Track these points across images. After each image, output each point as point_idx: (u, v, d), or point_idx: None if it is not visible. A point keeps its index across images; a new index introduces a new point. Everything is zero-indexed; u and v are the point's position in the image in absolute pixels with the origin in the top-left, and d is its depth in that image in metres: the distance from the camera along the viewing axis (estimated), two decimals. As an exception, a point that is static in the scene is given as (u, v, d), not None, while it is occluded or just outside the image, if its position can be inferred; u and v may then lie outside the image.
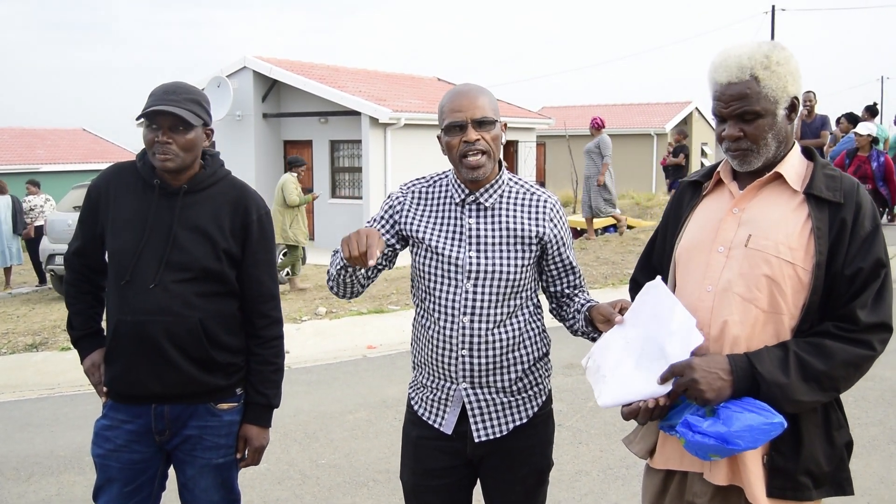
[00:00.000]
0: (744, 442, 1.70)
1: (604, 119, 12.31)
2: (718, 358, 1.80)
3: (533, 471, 2.28)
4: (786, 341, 1.82)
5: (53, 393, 6.23)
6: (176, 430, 2.34)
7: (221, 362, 2.33)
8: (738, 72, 1.82)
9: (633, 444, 2.08)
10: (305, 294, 9.91)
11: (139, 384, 2.29)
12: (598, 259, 11.06)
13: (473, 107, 2.14)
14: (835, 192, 1.85)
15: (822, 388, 1.78)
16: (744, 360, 1.79)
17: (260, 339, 2.41)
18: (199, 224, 2.30)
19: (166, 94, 2.26)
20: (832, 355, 1.78)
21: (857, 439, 1.91)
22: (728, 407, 1.76)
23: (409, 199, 2.31)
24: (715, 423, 1.73)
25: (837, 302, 1.81)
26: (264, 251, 2.40)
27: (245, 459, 2.45)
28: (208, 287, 2.30)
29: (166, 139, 2.24)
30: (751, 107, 1.82)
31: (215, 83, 17.05)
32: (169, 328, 2.25)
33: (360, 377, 6.27)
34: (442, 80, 22.10)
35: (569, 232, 2.31)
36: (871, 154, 9.79)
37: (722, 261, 1.89)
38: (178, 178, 2.33)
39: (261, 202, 2.43)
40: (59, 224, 11.14)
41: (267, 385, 2.42)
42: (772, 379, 1.75)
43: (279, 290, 2.50)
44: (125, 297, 2.27)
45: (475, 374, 2.19)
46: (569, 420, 4.95)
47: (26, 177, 16.74)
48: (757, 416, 1.71)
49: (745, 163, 1.88)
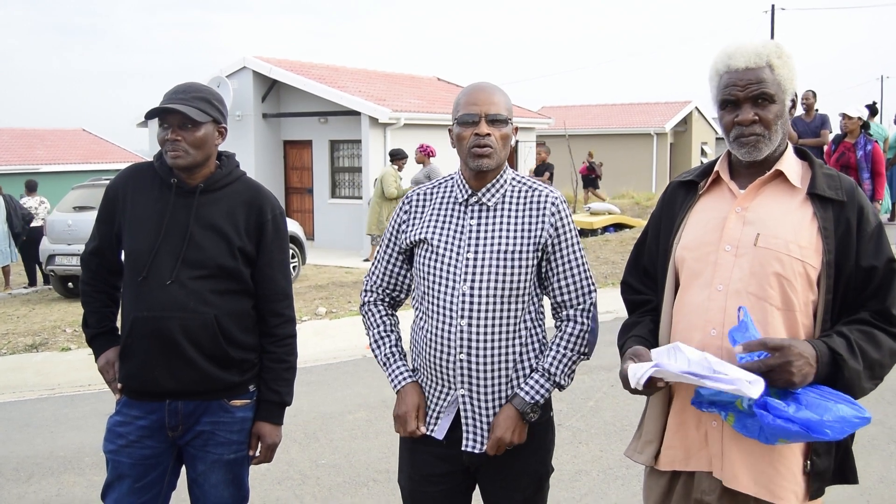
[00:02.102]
0: (832, 432, 1.65)
1: (434, 148, 11.24)
2: (803, 343, 1.75)
3: (532, 479, 2.26)
4: (839, 328, 1.81)
5: (53, 394, 6.23)
6: (189, 425, 2.36)
7: (236, 359, 2.35)
8: (756, 58, 1.87)
9: (637, 454, 2.04)
10: (305, 294, 9.91)
11: (154, 381, 2.31)
12: (597, 259, 11.07)
13: (489, 103, 2.16)
14: (837, 190, 1.87)
15: (873, 376, 1.80)
16: (824, 346, 1.76)
17: (273, 337, 2.44)
18: (215, 222, 2.34)
19: (176, 94, 2.32)
20: (882, 344, 1.80)
21: (857, 439, 1.91)
22: (807, 393, 1.71)
23: (413, 205, 2.32)
24: (800, 409, 1.67)
25: (855, 301, 1.83)
26: (279, 250, 2.44)
27: (258, 456, 2.47)
28: (224, 284, 2.33)
29: (175, 136, 2.28)
30: (767, 89, 1.85)
31: (215, 83, 17.02)
32: (185, 324, 2.28)
33: (359, 377, 6.27)
34: (442, 80, 22.09)
35: (572, 232, 2.23)
36: (857, 141, 8.84)
37: (731, 260, 1.88)
38: (194, 177, 2.37)
39: (275, 202, 2.47)
40: (59, 224, 11.13)
41: (280, 383, 2.45)
42: (853, 367, 1.74)
43: (292, 288, 2.52)
44: (141, 293, 2.30)
45: (473, 379, 2.16)
46: (569, 420, 4.95)
47: (26, 177, 16.73)
48: (849, 409, 1.67)
49: (756, 150, 1.88)
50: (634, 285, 2.17)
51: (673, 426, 1.97)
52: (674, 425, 1.97)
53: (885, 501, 3.77)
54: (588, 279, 2.26)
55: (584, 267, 2.25)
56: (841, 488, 1.95)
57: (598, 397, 5.39)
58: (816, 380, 1.74)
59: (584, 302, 2.24)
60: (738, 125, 1.88)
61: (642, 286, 2.14)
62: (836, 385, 1.75)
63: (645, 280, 2.14)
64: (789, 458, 1.83)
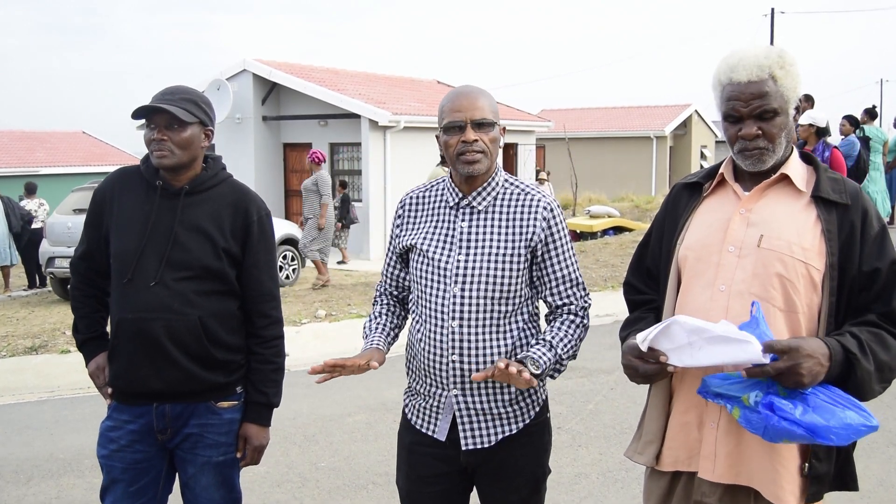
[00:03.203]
0: (837, 438, 1.63)
1: (324, 154, 11.02)
2: (815, 341, 1.72)
3: (528, 479, 2.26)
4: (850, 329, 1.80)
5: (53, 396, 6.23)
6: (177, 428, 2.37)
7: (221, 360, 2.36)
8: (758, 70, 1.84)
9: (638, 455, 2.04)
10: (305, 297, 9.91)
11: (140, 381, 2.32)
12: (597, 262, 11.08)
13: (473, 108, 2.15)
14: (841, 194, 1.87)
15: (883, 378, 1.79)
16: (837, 345, 1.74)
17: (260, 339, 2.45)
18: (200, 224, 2.35)
19: (163, 95, 2.33)
20: (890, 346, 1.79)
21: (857, 442, 1.91)
22: (816, 395, 1.68)
23: (407, 210, 2.33)
24: (807, 411, 1.64)
25: (859, 303, 1.83)
26: (265, 252, 2.44)
27: (245, 458, 2.47)
28: (208, 286, 2.34)
29: (161, 136, 2.29)
30: (770, 104, 1.83)
31: (215, 86, 17.05)
32: (169, 325, 2.29)
33: (359, 380, 6.26)
34: (441, 83, 22.11)
35: (564, 237, 2.23)
36: (816, 148, 8.72)
37: (734, 261, 1.89)
38: (179, 179, 2.38)
39: (261, 204, 2.47)
40: (59, 227, 11.13)
41: (267, 384, 2.45)
42: (865, 367, 1.73)
43: (279, 290, 2.52)
44: (127, 295, 2.32)
45: (466, 380, 2.17)
46: (568, 423, 4.95)
47: (25, 179, 16.73)
48: (857, 416, 1.65)
49: (760, 162, 1.88)
50: (637, 286, 2.17)
51: (675, 426, 1.97)
52: (676, 426, 1.97)
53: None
54: (581, 283, 2.26)
55: (578, 273, 2.25)
56: (839, 492, 1.96)
57: (598, 400, 5.40)
58: (827, 379, 1.72)
59: (580, 300, 2.24)
60: (741, 139, 1.88)
61: (645, 287, 2.15)
62: (847, 385, 1.74)
63: (648, 281, 2.14)
64: (788, 459, 1.83)
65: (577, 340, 2.21)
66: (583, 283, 2.27)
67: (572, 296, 2.23)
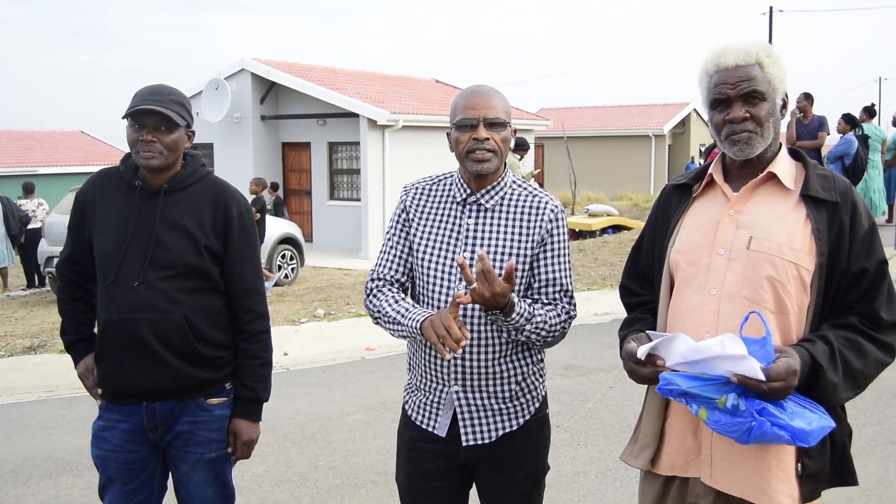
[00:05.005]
0: (812, 440, 1.65)
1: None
2: (795, 358, 1.70)
3: (528, 475, 2.27)
4: (824, 334, 1.79)
5: (52, 395, 6.23)
6: (168, 426, 2.39)
7: (208, 356, 2.38)
8: (745, 55, 1.86)
9: (634, 458, 2.04)
10: (304, 296, 9.91)
11: (128, 381, 2.34)
12: (596, 261, 11.08)
13: (487, 106, 2.16)
14: (830, 192, 1.86)
15: (856, 385, 1.79)
16: (807, 356, 1.73)
17: (246, 334, 2.46)
18: (180, 222, 2.36)
19: (151, 95, 2.33)
20: (867, 354, 1.79)
21: (856, 440, 1.92)
22: (787, 399, 1.69)
23: (412, 198, 2.31)
24: (793, 417, 1.66)
25: (844, 302, 1.83)
26: (247, 247, 2.46)
27: (235, 453, 2.48)
28: (192, 283, 2.35)
29: (150, 138, 2.30)
30: (758, 87, 1.85)
31: (213, 85, 17.03)
32: (154, 324, 2.30)
33: (358, 379, 6.27)
34: (440, 82, 22.11)
35: (562, 242, 2.22)
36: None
37: (724, 263, 1.88)
38: (159, 178, 2.38)
39: (241, 199, 2.48)
40: (57, 226, 11.12)
41: (255, 379, 2.46)
42: (830, 379, 1.73)
43: (264, 284, 2.53)
44: (111, 296, 2.33)
45: (467, 377, 2.18)
46: (567, 422, 4.96)
47: (24, 179, 16.72)
48: (823, 419, 1.68)
49: (749, 146, 1.87)
50: (633, 289, 2.17)
51: (671, 432, 1.97)
52: (671, 431, 1.97)
53: (883, 502, 3.77)
54: (570, 292, 2.23)
55: (569, 281, 2.23)
56: (838, 489, 1.95)
57: (597, 399, 5.40)
58: None
59: (565, 306, 2.21)
60: (729, 123, 1.87)
61: (641, 289, 2.14)
62: (812, 393, 1.74)
63: (643, 284, 2.14)
64: (783, 461, 1.82)
65: (553, 321, 2.14)
66: (572, 292, 2.24)
67: (558, 300, 2.20)
